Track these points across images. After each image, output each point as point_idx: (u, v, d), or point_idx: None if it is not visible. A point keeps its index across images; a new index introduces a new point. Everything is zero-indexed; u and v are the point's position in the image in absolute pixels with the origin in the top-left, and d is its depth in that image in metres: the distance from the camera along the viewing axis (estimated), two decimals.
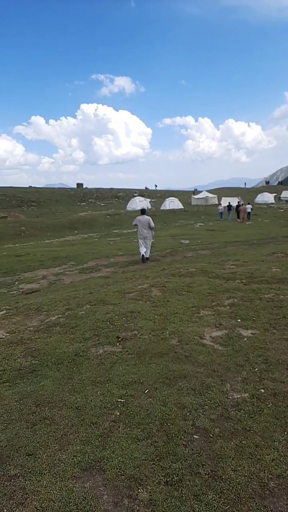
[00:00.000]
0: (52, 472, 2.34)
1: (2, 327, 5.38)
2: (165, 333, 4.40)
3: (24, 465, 2.40)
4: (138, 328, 4.60)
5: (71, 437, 2.67)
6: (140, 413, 2.90)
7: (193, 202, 55.59)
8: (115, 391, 3.21)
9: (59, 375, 3.60)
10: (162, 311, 5.17)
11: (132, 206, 46.52)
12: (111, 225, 35.51)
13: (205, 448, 2.52)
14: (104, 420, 2.84)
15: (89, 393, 3.21)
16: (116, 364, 3.72)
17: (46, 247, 19.72)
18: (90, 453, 2.50)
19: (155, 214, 37.58)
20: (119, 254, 14.19)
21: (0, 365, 3.88)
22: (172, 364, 3.63)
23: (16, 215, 42.22)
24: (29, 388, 3.36)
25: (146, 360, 3.77)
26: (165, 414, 2.86)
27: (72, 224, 35.26)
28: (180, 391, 3.17)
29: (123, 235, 24.97)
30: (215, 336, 4.28)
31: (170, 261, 11.49)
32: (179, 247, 15.09)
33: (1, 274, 12.07)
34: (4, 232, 31.18)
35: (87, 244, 19.59)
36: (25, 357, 4.06)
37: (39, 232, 31.72)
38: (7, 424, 2.84)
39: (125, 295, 6.14)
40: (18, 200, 55.85)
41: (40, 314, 5.77)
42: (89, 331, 4.63)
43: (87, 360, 3.87)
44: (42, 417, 2.90)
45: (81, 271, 11.18)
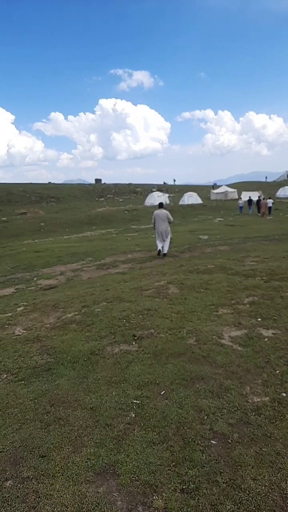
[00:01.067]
0: (66, 475, 2.29)
1: (20, 323, 5.40)
2: (182, 332, 4.30)
3: (37, 467, 2.36)
4: (155, 327, 4.51)
5: (85, 439, 2.62)
6: (156, 416, 2.82)
7: (212, 197, 54.91)
8: (131, 392, 3.14)
9: (74, 374, 3.56)
10: (180, 309, 5.07)
11: (150, 201, 46.35)
12: (129, 220, 35.48)
13: (223, 455, 2.42)
14: (119, 422, 2.77)
15: (104, 393, 3.15)
16: (132, 363, 3.65)
17: (64, 243, 19.87)
18: (104, 456, 2.44)
19: (174, 209, 37.29)
20: (136, 250, 14.12)
21: (16, 363, 3.87)
22: (189, 365, 3.53)
23: (35, 211, 42.75)
24: (44, 387, 3.33)
25: (162, 360, 3.68)
26: (182, 417, 2.77)
27: (91, 220, 35.42)
28: (198, 393, 3.07)
29: (141, 230, 24.89)
30: (234, 336, 4.15)
31: (188, 257, 11.33)
32: (197, 242, 14.89)
33: (21, 270, 12.21)
34: (24, 228, 31.62)
35: (105, 240, 19.61)
36: (41, 354, 4.05)
37: (58, 228, 32.00)
38: (21, 423, 2.81)
39: (142, 292, 6.06)
40: (38, 196, 56.57)
41: (56, 311, 5.77)
42: (105, 329, 4.58)
43: (102, 359, 3.82)
44: (57, 417, 2.86)
45: (98, 267, 11.17)
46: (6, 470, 2.35)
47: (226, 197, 53.28)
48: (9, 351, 4.22)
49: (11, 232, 29.90)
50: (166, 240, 11.86)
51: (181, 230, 21.20)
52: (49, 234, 28.65)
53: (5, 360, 3.96)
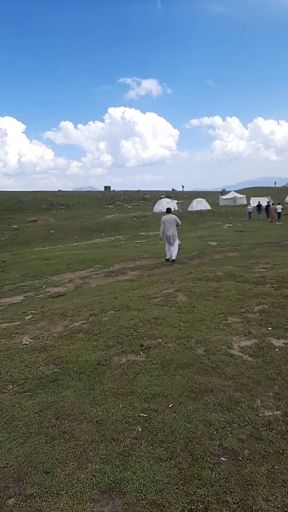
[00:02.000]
0: (70, 493, 2.22)
1: (27, 332, 5.37)
2: (191, 341, 4.21)
3: (41, 484, 2.29)
4: (163, 336, 4.43)
5: (91, 454, 2.55)
6: (164, 430, 2.73)
7: (221, 203, 54.73)
8: (138, 405, 3.07)
9: (80, 385, 3.49)
10: (188, 318, 4.98)
11: (159, 207, 46.38)
12: (138, 227, 35.52)
13: (234, 473, 2.32)
14: (125, 437, 2.69)
15: (111, 406, 3.08)
16: (139, 374, 3.57)
17: (73, 250, 19.93)
18: (110, 473, 2.36)
19: (182, 215, 37.22)
20: (145, 256, 14.07)
21: (23, 374, 3.83)
22: (198, 376, 3.44)
23: (45, 218, 43.09)
24: (49, 399, 3.27)
25: (170, 371, 3.59)
26: (190, 432, 2.69)
27: (100, 227, 35.57)
28: (206, 407, 2.98)
29: (149, 237, 24.86)
30: (244, 346, 4.04)
31: (197, 263, 11.23)
32: (206, 249, 14.78)
33: (30, 278, 12.26)
34: (34, 236, 31.89)
35: (113, 247, 19.62)
36: (47, 365, 4.00)
37: (67, 235, 32.19)
38: (26, 437, 2.76)
39: (149, 300, 5.99)
40: (48, 204, 57.13)
41: (64, 320, 5.73)
42: (112, 338, 4.51)
43: (109, 369, 3.75)
44: (62, 431, 2.80)
45: (107, 274, 11.15)
46: (9, 486, 2.29)
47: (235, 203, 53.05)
48: (16, 361, 4.18)
49: (21, 240, 30.18)
50: (174, 245, 11.84)
51: (190, 237, 21.10)
52: (59, 241, 28.81)
53: (11, 371, 3.92)
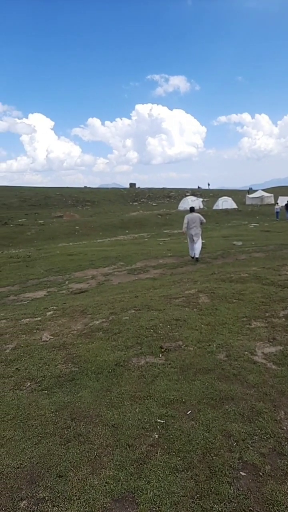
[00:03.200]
0: (82, 500, 2.16)
1: (48, 328, 5.38)
2: (212, 345, 4.08)
3: (53, 488, 2.25)
4: (183, 338, 4.32)
5: (105, 459, 2.48)
6: (181, 438, 2.64)
7: (247, 202, 53.65)
8: (155, 410, 2.98)
9: (97, 386, 3.44)
10: (210, 320, 4.84)
11: (184, 205, 46.00)
12: (162, 225, 35.36)
13: (253, 490, 2.20)
14: (141, 443, 2.62)
15: (127, 410, 3.01)
16: (158, 378, 3.49)
17: (97, 246, 20.05)
18: (124, 481, 2.29)
19: (207, 213, 36.76)
20: (168, 255, 13.94)
21: (41, 371, 3.82)
22: (218, 383, 3.31)
23: (71, 214, 43.68)
24: (66, 399, 3.24)
25: (190, 375, 3.48)
26: (209, 442, 2.58)
27: (124, 224, 35.65)
28: (227, 416, 2.85)
29: (173, 235, 24.67)
30: (268, 353, 3.87)
31: (221, 263, 11.01)
32: (231, 248, 14.47)
33: (54, 273, 12.39)
34: (59, 231, 32.37)
35: (137, 244, 19.58)
36: (65, 363, 3.98)
37: (92, 231, 32.47)
38: (41, 437, 2.73)
39: (171, 301, 5.88)
40: (74, 200, 57.85)
41: (84, 317, 5.71)
42: (131, 338, 4.44)
43: (127, 371, 3.68)
44: (77, 433, 2.75)
45: (129, 272, 11.11)
46: (22, 488, 2.26)
47: (262, 202, 51.87)
48: (35, 358, 4.18)
49: (47, 235, 30.71)
50: (197, 243, 11.79)
51: (215, 236, 20.77)
52: (83, 238, 29.11)
53: (30, 368, 3.93)
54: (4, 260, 16.89)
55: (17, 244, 27.22)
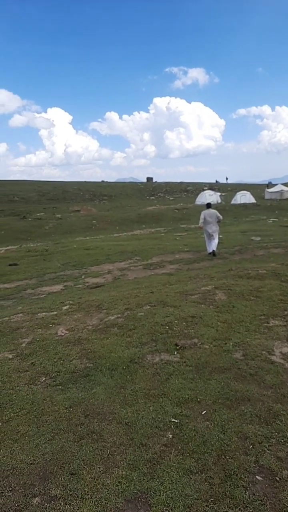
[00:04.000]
0: (94, 499, 2.14)
1: (63, 323, 5.40)
2: (229, 344, 4.00)
3: (66, 486, 2.24)
4: (199, 336, 4.25)
5: (118, 458, 2.46)
6: (195, 439, 2.59)
7: (266, 196, 52.63)
8: (169, 409, 2.94)
9: (112, 382, 3.42)
10: (226, 318, 4.75)
11: (201, 200, 45.50)
12: (178, 219, 35.10)
13: (270, 495, 2.13)
14: (154, 443, 2.58)
15: (141, 408, 2.98)
16: (172, 376, 3.44)
17: (114, 241, 20.07)
18: (137, 481, 2.26)
19: (225, 208, 36.29)
20: (185, 250, 13.82)
21: (56, 366, 3.83)
22: (234, 383, 3.24)
23: (88, 208, 43.85)
24: (80, 395, 3.23)
25: (205, 374, 3.42)
26: (224, 444, 2.52)
27: (140, 218, 35.56)
28: (243, 417, 2.79)
29: (190, 230, 24.46)
30: (287, 353, 3.77)
31: (238, 259, 10.83)
32: (249, 244, 14.22)
33: (70, 267, 12.47)
34: (77, 225, 32.56)
35: (153, 239, 19.50)
36: (80, 358, 3.97)
37: (108, 225, 32.53)
38: (54, 434, 2.73)
39: (187, 297, 5.81)
40: (91, 194, 58.09)
41: (100, 312, 5.71)
42: (146, 335, 4.40)
43: (142, 368, 3.65)
44: (90, 431, 2.74)
45: (145, 266, 11.06)
46: (34, 485, 2.26)
47: (281, 197, 50.78)
48: (50, 352, 4.20)
49: (64, 229, 30.94)
50: (215, 239, 11.71)
51: (232, 231, 20.47)
52: (100, 232, 29.20)
53: (45, 362, 3.94)
54: (22, 254, 17.12)
55: (35, 238, 27.54)
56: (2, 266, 13.93)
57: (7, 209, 40.72)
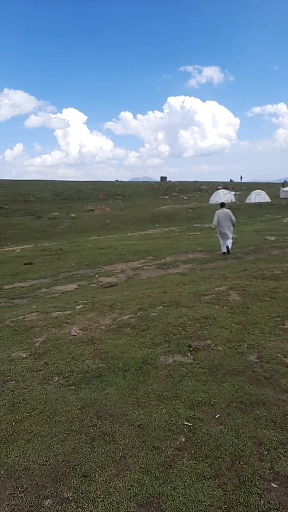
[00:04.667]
0: (106, 502, 2.13)
1: (77, 322, 5.42)
2: (243, 346, 3.94)
3: (78, 488, 2.23)
4: (212, 337, 4.20)
5: (130, 461, 2.44)
6: (209, 443, 2.54)
7: (281, 195, 51.85)
8: (182, 411, 2.90)
9: (124, 383, 3.41)
10: (241, 319, 4.68)
11: (215, 199, 45.13)
12: (192, 219, 34.91)
13: (286, 503, 2.07)
14: (167, 446, 2.55)
15: (154, 410, 2.95)
16: (186, 378, 3.40)
17: (127, 240, 20.10)
18: (149, 485, 2.23)
19: (239, 207, 35.94)
20: (198, 249, 13.72)
21: (69, 366, 3.84)
22: (249, 386, 3.18)
23: (102, 208, 44.04)
24: (93, 395, 3.23)
25: (219, 377, 3.37)
26: (238, 449, 2.47)
27: (154, 218, 35.51)
28: (257, 422, 2.73)
29: (204, 229, 24.28)
30: None
31: (253, 259, 10.69)
32: (263, 243, 14.02)
33: (84, 266, 12.54)
34: (91, 225, 32.75)
35: (167, 238, 19.44)
36: (93, 359, 3.97)
37: (122, 225, 32.60)
38: (67, 435, 2.72)
39: (200, 298, 5.75)
40: (105, 194, 58.33)
41: (113, 312, 5.70)
42: (159, 335, 4.37)
43: (154, 369, 3.62)
44: (102, 432, 2.72)
45: (158, 266, 11.03)
46: (46, 486, 2.26)
47: None
48: (64, 352, 4.21)
49: (78, 229, 31.16)
50: (229, 239, 11.72)
51: (247, 230, 20.23)
52: (114, 231, 29.28)
53: (58, 362, 3.95)
54: (37, 253, 17.32)
55: (50, 237, 27.83)
56: (18, 265, 14.11)
57: (22, 209, 41.28)
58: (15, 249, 19.99)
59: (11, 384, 3.57)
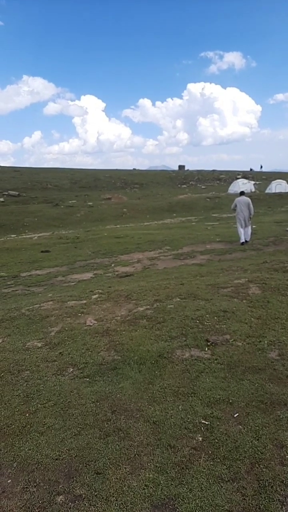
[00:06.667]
0: (120, 502, 2.06)
1: (92, 312, 5.37)
2: (263, 342, 3.79)
3: (91, 486, 2.17)
4: (231, 332, 4.07)
5: (145, 459, 2.36)
6: (227, 444, 2.44)
7: None
8: (199, 409, 2.80)
9: (140, 377, 3.33)
10: (261, 314, 4.52)
11: (234, 188, 44.30)
12: (210, 208, 34.40)
13: None
14: (183, 445, 2.46)
15: (170, 406, 2.86)
16: (203, 374, 3.29)
17: (144, 229, 19.96)
18: (164, 486, 2.15)
19: (259, 197, 35.16)
20: (216, 240, 13.48)
21: (83, 357, 3.78)
22: (269, 385, 3.05)
23: (119, 196, 43.87)
24: (107, 389, 3.16)
25: (238, 374, 3.25)
26: (258, 452, 2.36)
27: (171, 207, 35.16)
28: (278, 423, 2.60)
29: (222, 219, 23.88)
30: None
31: (272, 251, 10.41)
32: (284, 235, 13.65)
33: (100, 255, 12.50)
34: (107, 213, 32.70)
35: (184, 228, 19.20)
36: (108, 350, 3.91)
37: (139, 214, 32.41)
38: (80, 429, 2.67)
39: (218, 290, 5.60)
40: (122, 182, 58.04)
41: (129, 303, 5.62)
42: (176, 329, 4.27)
43: (171, 363, 3.52)
44: (117, 428, 2.66)
45: (175, 256, 10.88)
46: (59, 482, 2.21)
47: None
48: (78, 343, 4.16)
49: (95, 217, 31.17)
50: (248, 226, 11.74)
51: (266, 221, 19.77)
52: (130, 220, 29.16)
53: (73, 353, 3.91)
54: (54, 241, 17.39)
55: (66, 225, 27.94)
56: (35, 252, 14.20)
57: (40, 197, 41.53)
58: (33, 237, 20.14)
59: (26, 374, 3.54)
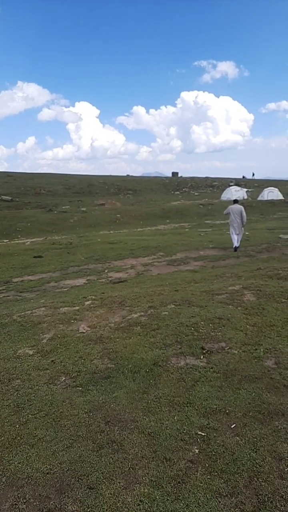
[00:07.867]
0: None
1: (85, 319, 5.27)
2: (259, 350, 3.74)
3: (83, 502, 2.08)
4: (227, 340, 4.01)
5: (140, 473, 2.28)
6: (224, 457, 2.37)
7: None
8: (195, 419, 2.73)
9: (134, 386, 3.24)
10: (256, 321, 4.47)
11: (227, 196, 44.57)
12: (203, 215, 34.51)
13: None
14: (179, 458, 2.38)
15: (165, 417, 2.78)
16: (199, 382, 3.22)
17: (137, 235, 19.90)
18: (160, 501, 2.07)
19: (252, 205, 35.39)
20: (209, 246, 13.47)
21: (76, 365, 3.69)
22: (267, 394, 2.99)
23: (113, 202, 43.82)
24: (101, 398, 3.07)
25: (234, 383, 3.18)
26: (256, 465, 2.29)
27: (165, 213, 35.20)
28: (277, 434, 2.54)
29: (215, 226, 23.95)
30: None
31: (266, 257, 10.42)
32: (277, 242, 13.71)
33: (94, 261, 12.40)
34: (101, 219, 32.59)
35: (177, 235, 19.20)
36: (101, 358, 3.82)
37: (132, 220, 32.37)
38: (73, 441, 2.57)
39: (213, 297, 5.55)
40: (116, 188, 58.04)
41: (122, 309, 5.54)
42: (171, 336, 4.19)
43: (166, 372, 3.45)
44: (110, 440, 2.57)
45: (169, 262, 10.83)
46: (50, 497, 2.11)
47: None
48: (71, 350, 4.06)
49: (88, 223, 31.04)
50: (240, 234, 12.01)
51: (259, 228, 19.87)
52: (124, 226, 29.09)
53: (65, 361, 3.81)
54: (47, 246, 17.23)
55: (60, 230, 27.77)
56: (27, 258, 14.04)
57: (33, 202, 41.29)
58: (25, 242, 19.95)
59: (16, 382, 3.43)
